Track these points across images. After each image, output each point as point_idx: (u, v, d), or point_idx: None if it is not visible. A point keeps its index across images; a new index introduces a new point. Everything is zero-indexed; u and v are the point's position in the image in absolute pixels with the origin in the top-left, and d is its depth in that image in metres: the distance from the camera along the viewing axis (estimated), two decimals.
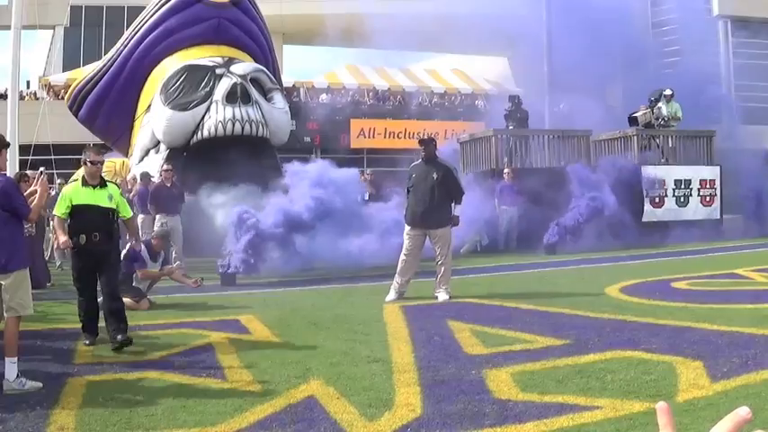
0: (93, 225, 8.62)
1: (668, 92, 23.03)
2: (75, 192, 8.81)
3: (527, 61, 25.58)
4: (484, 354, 7.70)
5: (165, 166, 16.58)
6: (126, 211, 9.09)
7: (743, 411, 1.16)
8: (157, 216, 15.61)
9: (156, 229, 14.92)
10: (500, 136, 21.74)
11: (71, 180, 21.35)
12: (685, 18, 33.98)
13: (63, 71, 39.58)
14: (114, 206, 8.78)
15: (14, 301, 6.86)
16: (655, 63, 31.03)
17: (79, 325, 9.77)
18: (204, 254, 16.90)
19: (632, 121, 22.71)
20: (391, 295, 11.58)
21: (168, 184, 15.85)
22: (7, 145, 7.38)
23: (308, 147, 34.34)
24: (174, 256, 15.13)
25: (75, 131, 26.26)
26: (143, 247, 11.79)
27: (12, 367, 6.68)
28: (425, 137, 12.67)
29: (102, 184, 8.80)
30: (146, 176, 18.26)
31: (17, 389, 6.57)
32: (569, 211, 19.09)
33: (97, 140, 27.92)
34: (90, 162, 8.70)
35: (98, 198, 8.69)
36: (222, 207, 18.51)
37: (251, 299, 12.20)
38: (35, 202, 7.43)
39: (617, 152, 22.33)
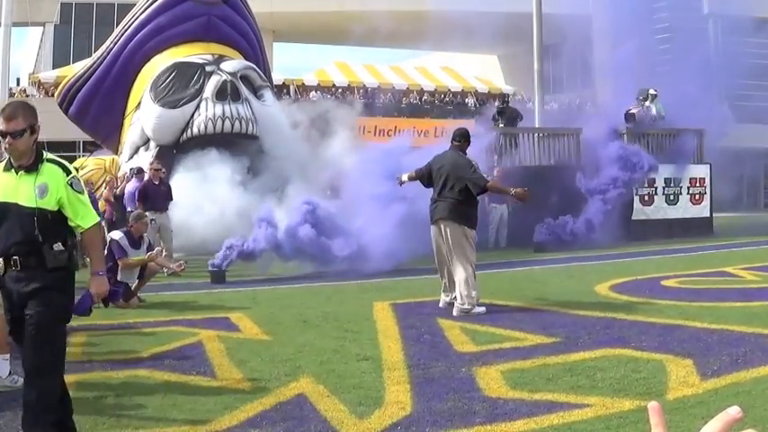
0: (7, 241, 4.96)
1: (653, 91, 23.00)
2: None
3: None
4: (474, 351, 7.70)
5: (154, 164, 16.49)
6: (82, 217, 5.09)
7: (733, 411, 1.16)
8: (146, 213, 15.49)
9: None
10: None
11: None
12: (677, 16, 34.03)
13: (53, 68, 39.55)
14: (51, 206, 4.97)
15: None
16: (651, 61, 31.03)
17: (70, 322, 9.77)
18: (193, 252, 16.91)
19: (629, 117, 22.67)
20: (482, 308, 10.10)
21: (156, 182, 15.79)
22: None
23: None
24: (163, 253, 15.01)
25: (65, 129, 26.18)
26: (122, 235, 11.63)
27: (3, 364, 6.65)
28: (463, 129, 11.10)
29: (33, 165, 5.00)
30: (140, 171, 18.19)
31: (10, 386, 6.53)
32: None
33: (87, 138, 27.97)
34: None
35: (18, 191, 4.98)
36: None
37: (241, 296, 12.18)
38: None
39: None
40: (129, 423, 5.55)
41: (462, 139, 10.61)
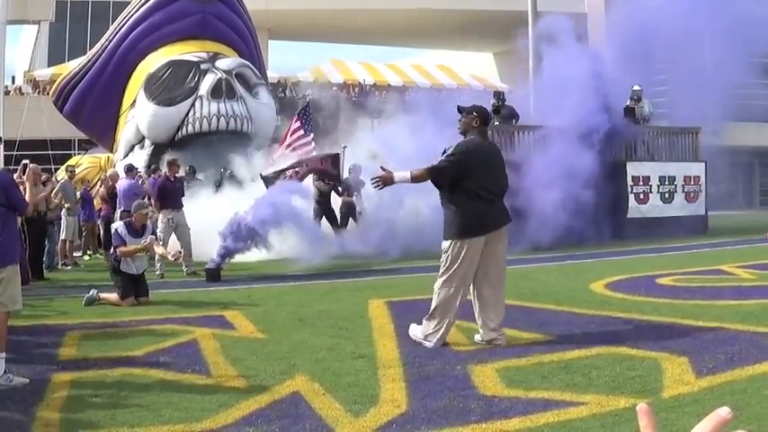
0: None
1: (637, 87, 22.91)
2: None
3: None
4: (469, 349, 7.70)
5: (170, 159, 16.20)
6: None
7: (723, 411, 1.17)
8: (162, 212, 15.14)
9: (160, 225, 14.70)
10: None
11: (59, 176, 21.34)
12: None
13: (48, 66, 39.51)
14: None
15: (5, 296, 6.80)
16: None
17: (65, 321, 9.76)
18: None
19: (629, 111, 22.63)
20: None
21: (173, 179, 15.45)
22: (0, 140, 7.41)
23: None
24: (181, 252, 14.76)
25: (60, 127, 26.15)
26: (122, 224, 11.68)
27: None
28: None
29: None
30: (132, 169, 18.03)
31: (4, 384, 6.52)
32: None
33: (83, 136, 27.92)
34: None
35: None
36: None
37: (236, 294, 12.17)
38: (28, 195, 7.40)
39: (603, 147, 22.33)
40: (124, 421, 5.54)
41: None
